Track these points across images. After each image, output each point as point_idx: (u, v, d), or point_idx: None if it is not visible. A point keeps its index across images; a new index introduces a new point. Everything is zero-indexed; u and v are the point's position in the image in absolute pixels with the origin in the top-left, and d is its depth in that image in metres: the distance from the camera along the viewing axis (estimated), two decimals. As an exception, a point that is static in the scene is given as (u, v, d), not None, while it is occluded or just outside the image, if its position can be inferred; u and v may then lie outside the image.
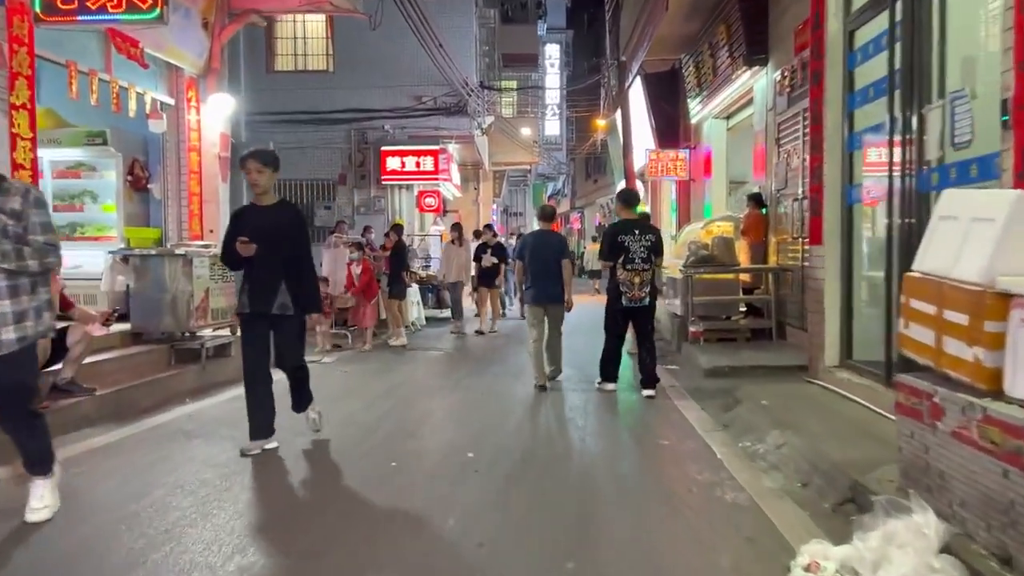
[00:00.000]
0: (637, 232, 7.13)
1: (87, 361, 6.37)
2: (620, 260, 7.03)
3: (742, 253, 10.32)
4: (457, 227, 13.72)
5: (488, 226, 13.77)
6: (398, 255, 11.68)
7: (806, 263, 8.94)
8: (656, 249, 7.20)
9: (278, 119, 18.97)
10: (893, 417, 4.84)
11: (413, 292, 13.61)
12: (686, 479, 4.44)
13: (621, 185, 20.03)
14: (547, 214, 8.91)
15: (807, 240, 8.85)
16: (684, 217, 16.21)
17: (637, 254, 7.04)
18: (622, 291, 7.04)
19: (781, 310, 9.67)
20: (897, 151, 5.09)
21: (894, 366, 5.11)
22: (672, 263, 11.19)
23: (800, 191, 9.04)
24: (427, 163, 18.95)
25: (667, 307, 10.97)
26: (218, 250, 8.56)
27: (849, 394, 5.58)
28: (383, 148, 18.96)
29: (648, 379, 7.04)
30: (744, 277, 10.36)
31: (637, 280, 7.02)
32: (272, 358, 5.41)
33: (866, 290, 6.13)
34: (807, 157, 8.42)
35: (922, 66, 4.86)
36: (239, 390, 7.68)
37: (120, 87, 7.86)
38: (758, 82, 10.77)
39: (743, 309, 10.48)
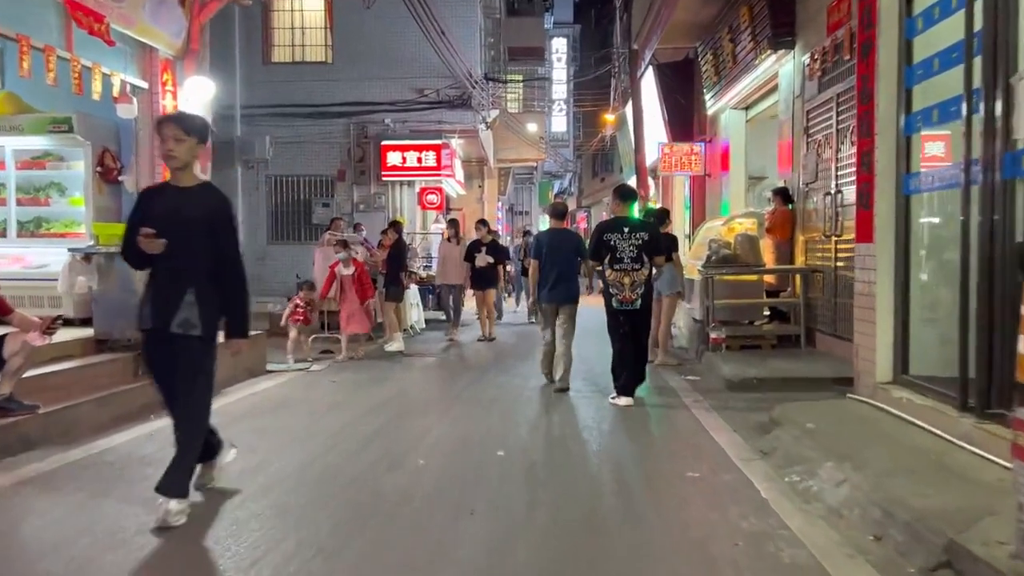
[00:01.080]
0: (627, 230, 6.73)
1: (33, 373, 5.61)
2: (607, 260, 6.69)
3: (767, 252, 9.51)
4: (453, 223, 12.62)
5: (483, 222, 12.30)
6: (397, 255, 10.86)
7: (839, 263, 8.15)
8: (650, 248, 6.76)
9: (275, 112, 18.38)
10: (972, 448, 4.05)
11: (412, 293, 12.83)
12: (728, 527, 3.63)
13: (632, 182, 19.26)
14: (559, 212, 8.40)
15: (841, 237, 8.07)
16: (699, 215, 15.38)
17: (626, 253, 6.65)
18: (612, 292, 6.69)
19: (810, 315, 8.87)
20: (976, 131, 4.27)
21: (971, 386, 4.30)
22: (690, 263, 10.39)
23: (833, 184, 8.25)
24: (429, 158, 18.25)
25: (686, 311, 10.17)
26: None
27: (911, 418, 4.76)
28: (383, 143, 18.29)
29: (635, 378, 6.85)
30: (768, 279, 9.56)
31: (627, 281, 6.64)
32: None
33: (929, 294, 5.32)
34: (853, 142, 7.61)
35: (1008, 29, 4.04)
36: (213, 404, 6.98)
37: (83, 66, 7.09)
38: (783, 67, 9.97)
39: (766, 313, 9.68)
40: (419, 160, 18.25)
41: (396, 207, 18.84)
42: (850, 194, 7.81)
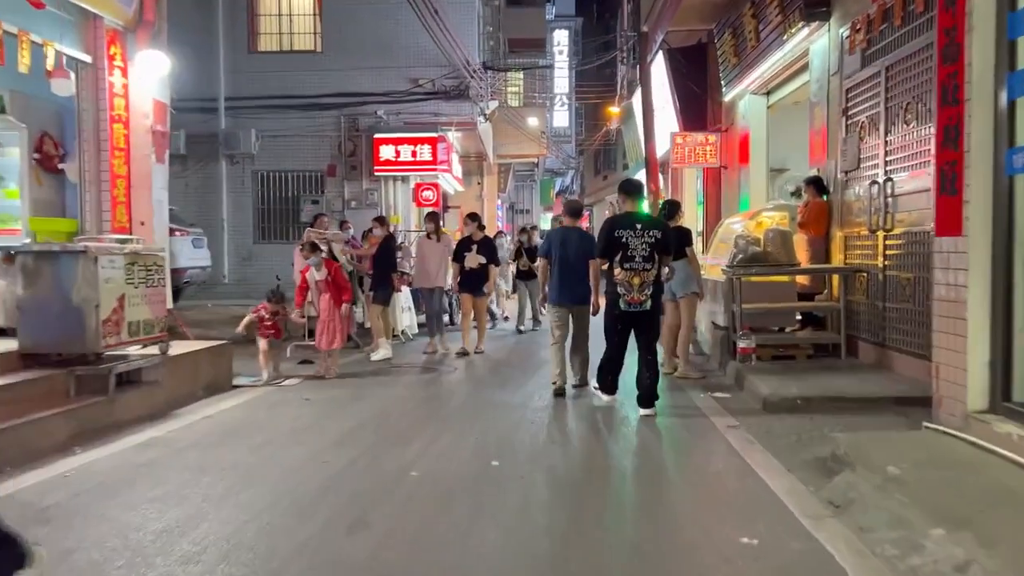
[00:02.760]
0: (639, 227, 6.28)
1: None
2: (618, 258, 6.24)
3: (799, 250, 8.43)
4: (433, 217, 10.91)
5: (473, 216, 10.63)
6: (384, 254, 9.76)
7: (888, 261, 7.07)
8: (662, 247, 6.32)
9: (261, 104, 17.53)
10: None
11: (404, 296, 11.76)
12: (818, 638, 2.55)
13: (640, 176, 18.17)
14: (575, 209, 7.90)
15: (891, 232, 6.98)
16: (713, 211, 14.30)
17: (637, 252, 6.21)
18: (620, 293, 6.24)
19: (851, 321, 7.80)
20: None
21: None
22: (712, 263, 9.32)
23: (881, 172, 7.17)
24: (424, 152, 17.26)
25: (706, 313, 9.09)
26: (137, 246, 6.77)
27: (1030, 462, 3.67)
28: (376, 136, 17.35)
29: (647, 397, 6.18)
30: (801, 280, 8.48)
31: (637, 281, 6.19)
32: None
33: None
34: (907, 122, 6.52)
35: None
36: (155, 430, 5.89)
37: (5, 32, 6.02)
38: (816, 43, 8.88)
39: (797, 318, 8.61)
40: (414, 154, 17.29)
41: (390, 204, 17.83)
42: (903, 182, 6.76)
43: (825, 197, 8.46)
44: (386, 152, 17.30)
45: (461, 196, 22.27)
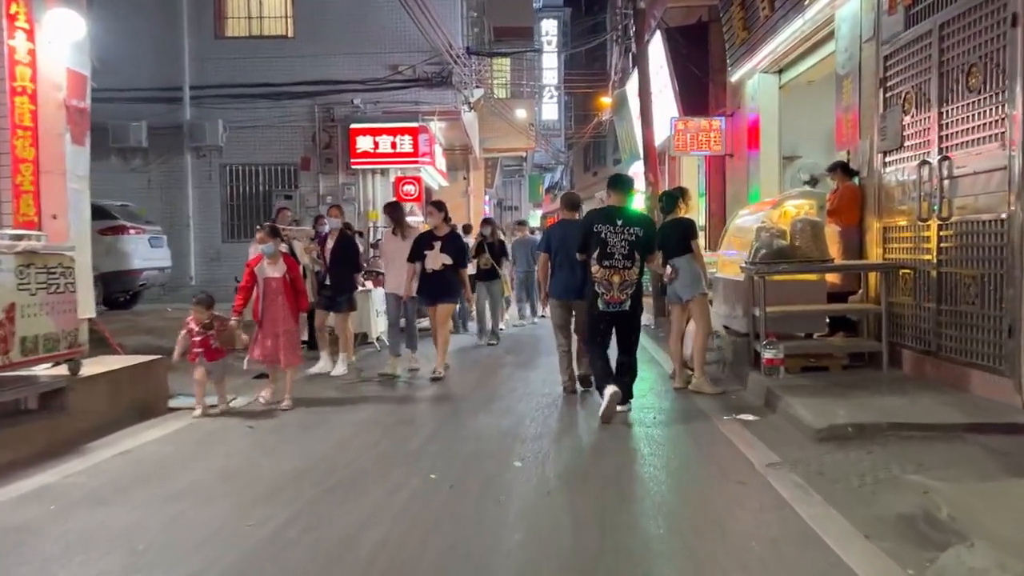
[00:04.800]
0: (619, 222, 6.06)
1: None
2: (596, 254, 6.02)
3: (830, 243, 7.31)
4: (395, 208, 8.77)
5: (438, 204, 8.27)
6: (343, 251, 8.50)
7: (942, 255, 5.95)
8: (642, 245, 6.05)
9: (229, 93, 16.54)
10: None
11: (378, 299, 10.57)
12: None
13: (635, 169, 17.06)
14: (573, 202, 7.48)
15: (949, 220, 5.85)
16: (718, 204, 13.21)
17: (616, 248, 5.99)
18: (598, 292, 6.02)
19: (893, 326, 6.69)
20: None
21: None
22: (728, 259, 8.20)
23: (934, 150, 6.04)
24: (405, 143, 16.21)
25: (721, 319, 7.96)
26: (36, 243, 5.56)
27: None
28: (352, 126, 16.37)
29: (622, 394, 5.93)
30: (832, 277, 7.37)
31: (616, 279, 5.98)
32: None
33: None
34: (970, 86, 5.25)
35: None
36: (51, 474, 4.59)
37: None
38: (844, 7, 7.76)
39: (826, 321, 7.48)
40: (393, 145, 16.26)
41: (368, 199, 16.73)
42: (965, 161, 5.66)
43: (856, 180, 7.36)
44: (363, 143, 16.28)
45: (446, 192, 21.13)
